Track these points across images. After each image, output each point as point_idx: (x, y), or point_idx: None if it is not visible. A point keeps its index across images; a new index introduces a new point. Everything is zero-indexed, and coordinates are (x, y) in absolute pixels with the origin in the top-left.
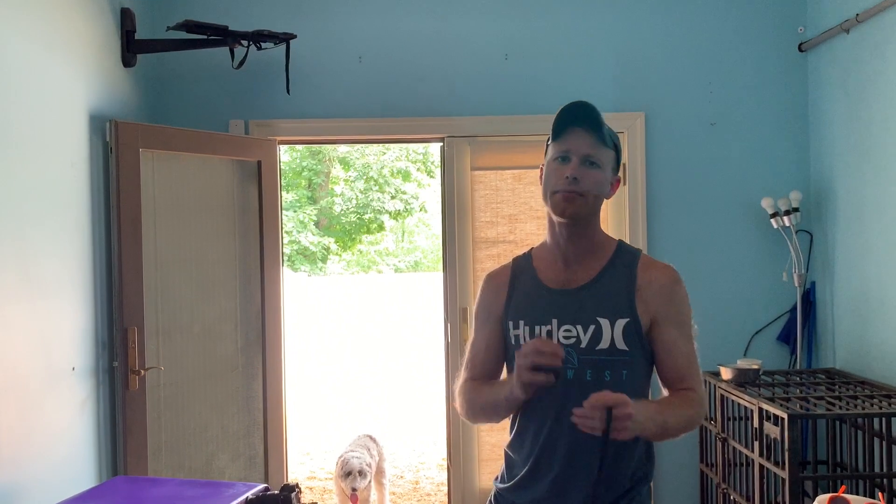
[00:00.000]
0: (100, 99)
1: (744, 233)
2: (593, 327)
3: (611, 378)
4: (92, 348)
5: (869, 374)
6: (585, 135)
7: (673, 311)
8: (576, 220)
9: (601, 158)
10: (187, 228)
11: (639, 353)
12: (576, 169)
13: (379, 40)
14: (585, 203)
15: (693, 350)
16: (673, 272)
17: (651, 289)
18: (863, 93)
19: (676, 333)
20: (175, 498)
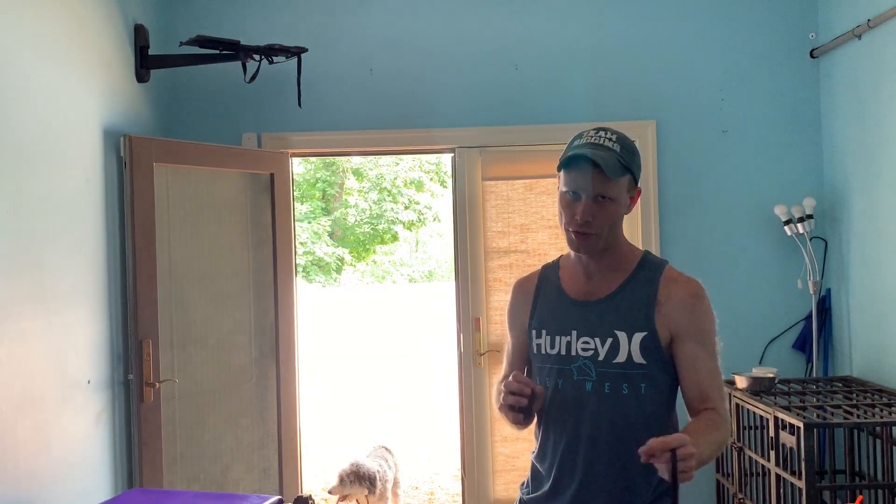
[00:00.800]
0: (114, 114)
1: (757, 241)
2: (611, 340)
3: (628, 391)
4: (107, 361)
5: (886, 381)
6: (594, 175)
7: (694, 327)
8: (595, 254)
9: (613, 192)
10: (201, 241)
11: (658, 367)
12: (587, 210)
13: (389, 52)
14: (600, 239)
15: (716, 366)
16: (695, 286)
17: (672, 303)
18: (875, 98)
19: (698, 349)
20: None
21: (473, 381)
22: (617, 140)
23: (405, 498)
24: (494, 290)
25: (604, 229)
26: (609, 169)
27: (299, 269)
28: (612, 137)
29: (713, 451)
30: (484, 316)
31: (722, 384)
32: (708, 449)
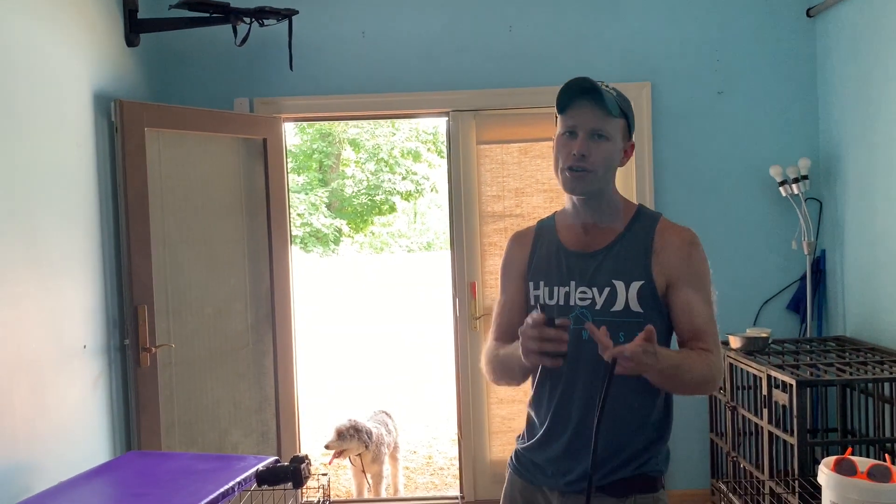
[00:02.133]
0: (104, 79)
1: (752, 201)
2: (608, 290)
3: (625, 339)
4: (103, 327)
5: (879, 340)
6: (591, 108)
7: (689, 273)
8: (587, 195)
9: (609, 130)
10: (194, 207)
11: (654, 315)
12: (583, 145)
13: (381, 15)
14: (595, 178)
15: (711, 312)
16: (690, 234)
17: (667, 251)
18: (871, 57)
19: (692, 294)
20: (187, 471)
21: (469, 345)
22: (614, 90)
23: (404, 462)
24: (489, 255)
25: (599, 168)
26: (609, 102)
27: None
28: (609, 86)
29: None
30: (479, 280)
31: (716, 332)
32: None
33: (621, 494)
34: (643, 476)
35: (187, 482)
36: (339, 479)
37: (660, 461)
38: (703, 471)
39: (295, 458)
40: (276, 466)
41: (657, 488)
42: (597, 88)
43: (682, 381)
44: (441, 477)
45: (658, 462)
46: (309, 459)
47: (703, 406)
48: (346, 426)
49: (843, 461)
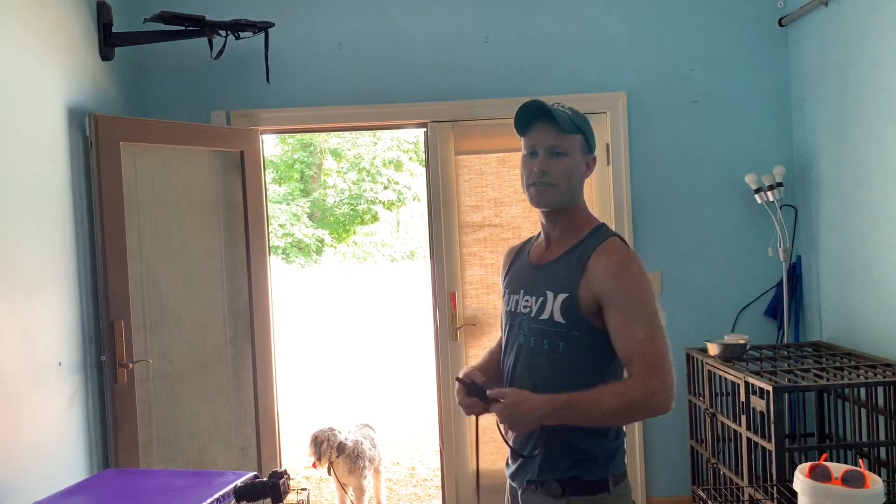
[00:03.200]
0: (78, 93)
1: (728, 209)
2: (542, 299)
3: (548, 347)
4: (78, 343)
5: (855, 345)
6: (547, 128)
7: (618, 294)
8: (551, 208)
9: (566, 146)
10: (171, 221)
11: (577, 329)
12: (543, 162)
13: (358, 27)
14: (558, 191)
15: (645, 333)
16: (622, 256)
17: (596, 270)
18: (842, 65)
19: (621, 317)
20: (165, 488)
21: (450, 355)
22: (570, 109)
23: (386, 473)
24: (469, 265)
25: (560, 181)
26: (562, 121)
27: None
28: (564, 106)
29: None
30: (459, 290)
31: (653, 352)
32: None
33: (555, 494)
34: (577, 479)
35: (165, 499)
36: (322, 492)
37: (598, 465)
38: (684, 478)
39: (274, 473)
40: (254, 482)
41: (596, 491)
42: (548, 110)
43: (588, 417)
44: (424, 488)
45: (598, 466)
46: (288, 474)
47: (684, 413)
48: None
49: (817, 467)
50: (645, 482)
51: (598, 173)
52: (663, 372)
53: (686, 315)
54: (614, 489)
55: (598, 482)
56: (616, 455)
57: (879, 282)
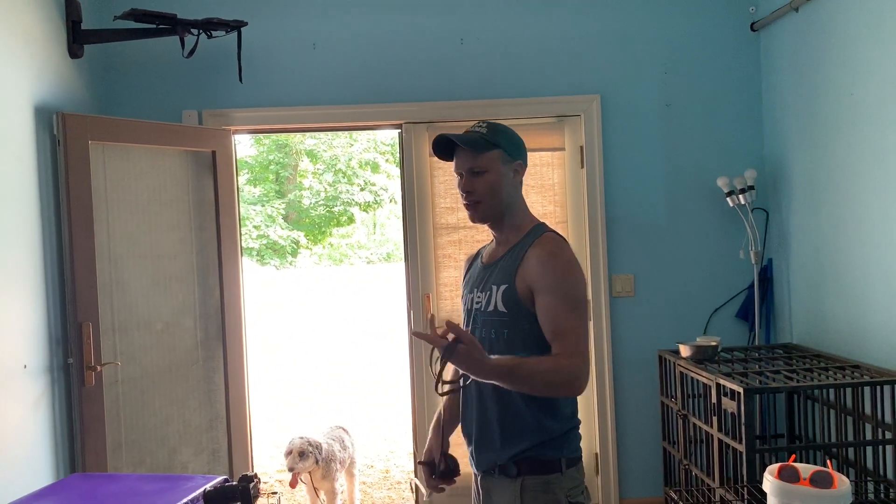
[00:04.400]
0: (46, 91)
1: (700, 212)
2: (488, 293)
3: (495, 336)
4: (45, 345)
5: (824, 347)
6: (462, 153)
7: (546, 280)
8: (485, 222)
9: (483, 164)
10: (141, 222)
11: (517, 316)
12: (466, 183)
13: (332, 26)
14: (486, 206)
15: (572, 318)
16: (553, 245)
17: (529, 260)
18: (813, 70)
19: (549, 300)
20: (132, 493)
21: (424, 357)
22: (486, 125)
23: (360, 476)
24: (444, 267)
25: (484, 197)
26: (470, 144)
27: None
28: (483, 124)
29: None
30: (434, 292)
31: (577, 336)
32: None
33: (513, 475)
34: (532, 459)
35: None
36: (295, 496)
37: (551, 446)
38: (657, 479)
39: (244, 476)
40: (224, 486)
41: (551, 471)
42: (452, 141)
43: (524, 381)
44: (398, 491)
45: (552, 446)
46: (259, 478)
47: (656, 415)
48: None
49: (786, 468)
50: (618, 483)
51: (573, 176)
52: (582, 355)
53: (658, 317)
54: (567, 471)
55: (552, 461)
56: (570, 437)
57: (848, 284)
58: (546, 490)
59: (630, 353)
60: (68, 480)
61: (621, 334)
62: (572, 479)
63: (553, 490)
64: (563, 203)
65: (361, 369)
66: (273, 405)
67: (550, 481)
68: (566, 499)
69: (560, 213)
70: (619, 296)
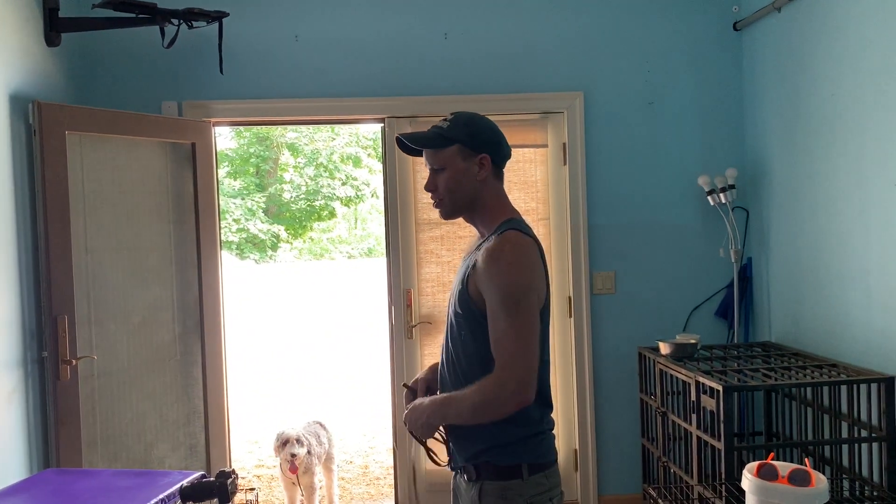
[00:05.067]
0: (21, 79)
1: (681, 210)
2: (453, 292)
3: (454, 334)
4: (18, 338)
5: (802, 346)
6: (426, 150)
7: (487, 284)
8: (451, 219)
9: (441, 160)
10: (119, 214)
11: (470, 318)
12: (429, 181)
13: (315, 18)
14: (449, 202)
15: (503, 327)
16: (496, 247)
17: (479, 262)
18: (794, 70)
19: (489, 308)
20: (107, 488)
21: (405, 353)
22: (451, 118)
23: (339, 472)
24: (425, 262)
25: (444, 194)
26: (423, 142)
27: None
28: (449, 118)
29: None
30: (415, 288)
31: (510, 347)
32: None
33: (471, 478)
34: (489, 464)
35: (107, 500)
36: (273, 491)
37: (512, 451)
38: (636, 476)
39: (221, 472)
40: (201, 482)
41: (510, 477)
42: (406, 141)
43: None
44: (377, 487)
45: (509, 453)
46: (237, 474)
47: (635, 412)
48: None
49: (764, 466)
50: (597, 480)
51: (555, 173)
52: (513, 366)
53: (638, 314)
54: (531, 477)
55: (510, 468)
56: (530, 443)
57: (826, 284)
58: (503, 497)
59: (610, 350)
60: (42, 476)
61: (601, 331)
62: (536, 486)
63: (511, 497)
64: (545, 200)
65: (341, 365)
66: (251, 400)
67: (509, 487)
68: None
69: (542, 210)
70: (600, 293)
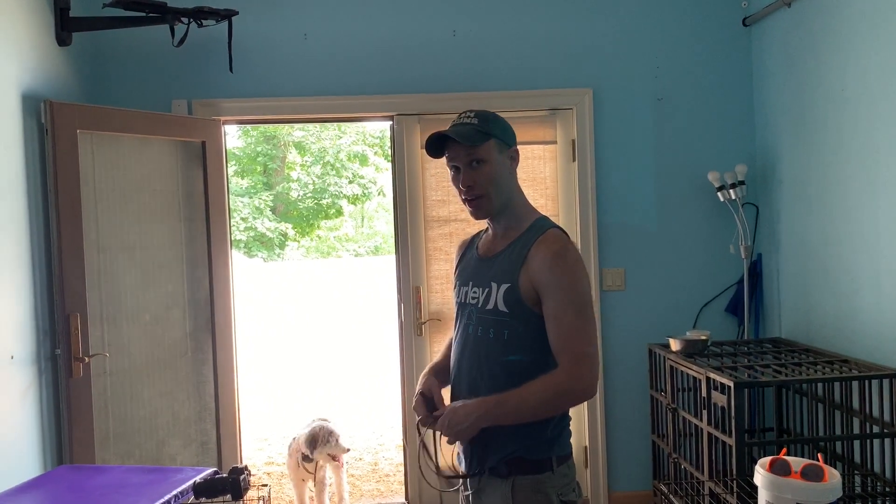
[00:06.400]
0: (33, 79)
1: (691, 206)
2: (487, 290)
3: (493, 335)
4: (32, 336)
5: (813, 342)
6: (458, 146)
7: (552, 284)
8: (491, 213)
9: (481, 154)
10: (130, 212)
11: (519, 317)
12: (466, 177)
13: (324, 17)
14: (489, 200)
15: (574, 323)
16: (559, 246)
17: (534, 261)
18: (804, 65)
19: (556, 305)
20: (121, 485)
21: (415, 350)
22: (475, 115)
23: (349, 469)
24: (435, 260)
25: (488, 189)
26: (465, 138)
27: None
28: (471, 114)
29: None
30: (424, 285)
31: (583, 341)
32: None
33: (504, 475)
34: (522, 459)
35: (121, 496)
36: (283, 489)
37: (541, 446)
38: (646, 472)
39: (234, 469)
40: (214, 478)
41: (542, 470)
42: (449, 137)
43: (520, 412)
44: (387, 484)
45: (539, 446)
46: (249, 470)
47: (646, 408)
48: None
49: (777, 461)
50: (607, 477)
51: (564, 169)
52: (588, 359)
53: (648, 311)
54: (557, 469)
55: (543, 461)
56: (560, 436)
57: (837, 280)
58: (538, 490)
59: (620, 346)
60: (56, 472)
61: (611, 328)
62: (563, 477)
63: (545, 490)
64: (554, 196)
65: (349, 362)
66: (259, 398)
67: (541, 480)
68: (558, 498)
69: (551, 207)
70: (610, 290)
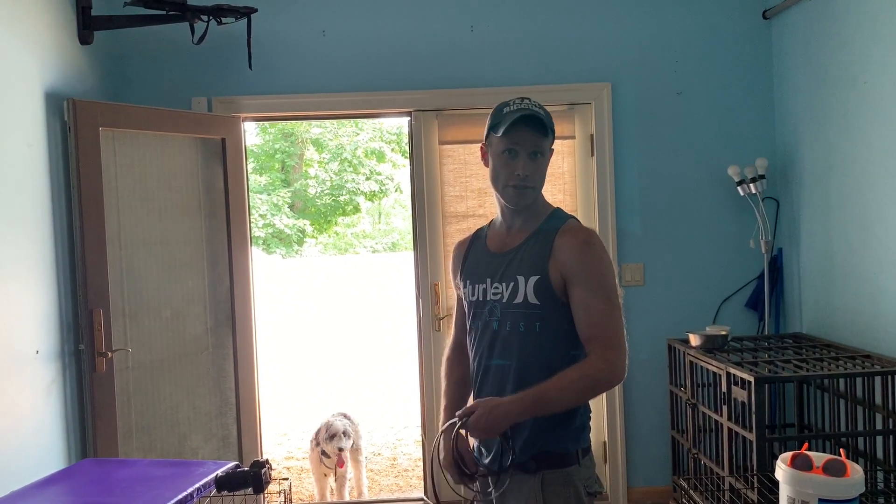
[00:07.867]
0: (56, 77)
1: (711, 201)
2: (512, 284)
3: (524, 329)
4: (56, 331)
5: (834, 337)
6: (531, 132)
7: (582, 271)
8: (526, 208)
9: (544, 148)
10: (151, 209)
11: (551, 308)
12: (525, 165)
13: (342, 13)
14: (535, 193)
15: (604, 310)
16: (586, 235)
17: (562, 250)
18: (824, 58)
19: (585, 293)
20: (144, 478)
21: (433, 346)
22: (540, 106)
23: (368, 464)
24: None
25: (539, 183)
26: (546, 126)
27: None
28: (537, 104)
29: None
30: (442, 281)
31: (614, 328)
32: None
33: (532, 471)
34: (550, 453)
35: (144, 489)
36: (303, 483)
37: (568, 439)
38: (665, 468)
39: (255, 462)
40: (236, 472)
41: (568, 464)
42: (540, 118)
43: (561, 403)
44: (406, 479)
45: (566, 440)
46: (270, 464)
47: (665, 404)
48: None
49: (799, 456)
50: (626, 472)
51: (582, 164)
52: (619, 345)
53: (668, 306)
54: (583, 461)
55: (570, 454)
56: (584, 428)
57: (858, 274)
58: (566, 483)
59: (639, 342)
60: (80, 465)
61: (630, 323)
62: (588, 469)
63: (574, 482)
64: (572, 192)
65: (367, 358)
66: (279, 393)
67: (569, 473)
68: (584, 489)
69: (570, 202)
70: (629, 285)
